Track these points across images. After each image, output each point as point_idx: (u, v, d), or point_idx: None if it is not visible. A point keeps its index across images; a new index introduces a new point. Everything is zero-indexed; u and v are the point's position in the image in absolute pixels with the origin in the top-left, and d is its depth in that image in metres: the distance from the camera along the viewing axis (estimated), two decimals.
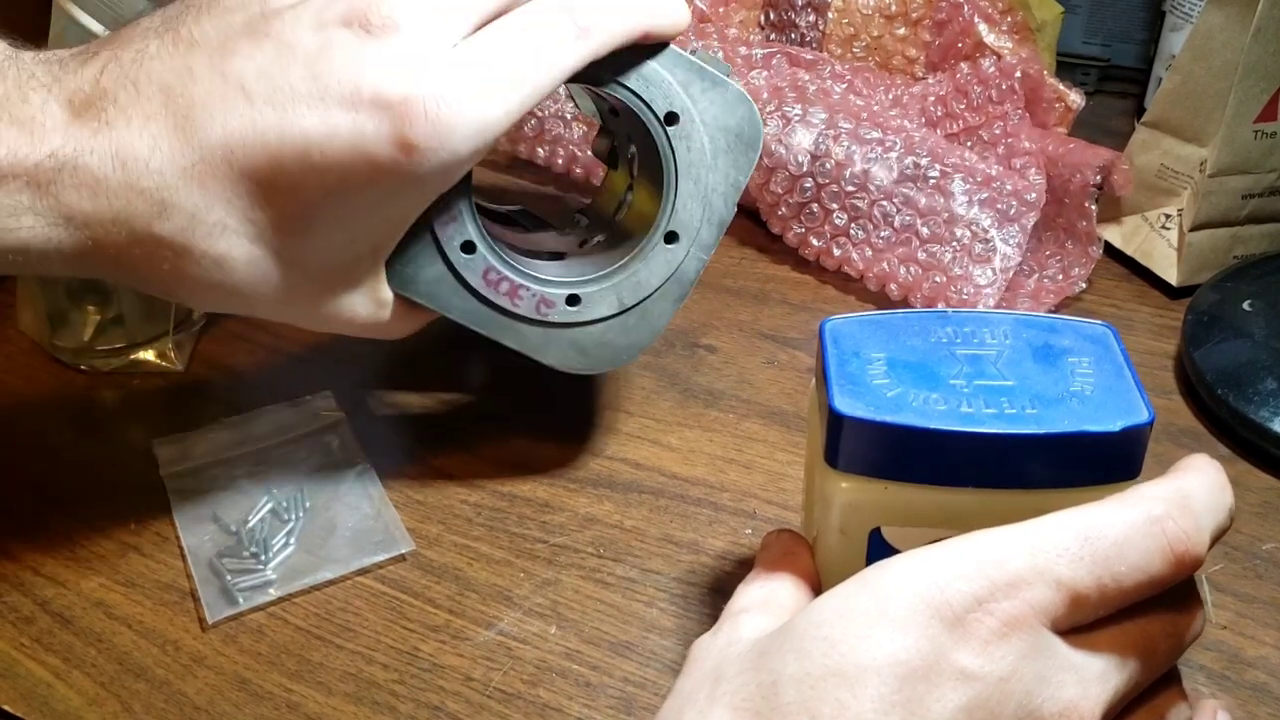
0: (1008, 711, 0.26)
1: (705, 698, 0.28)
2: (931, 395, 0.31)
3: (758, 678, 0.27)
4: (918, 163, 0.58)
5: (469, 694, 0.38)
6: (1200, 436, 0.50)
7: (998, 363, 0.33)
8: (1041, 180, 0.58)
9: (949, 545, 0.28)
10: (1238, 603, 0.42)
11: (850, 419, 0.31)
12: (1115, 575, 0.28)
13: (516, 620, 0.41)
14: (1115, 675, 0.28)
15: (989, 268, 0.56)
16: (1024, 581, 0.27)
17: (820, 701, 0.26)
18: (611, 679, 0.39)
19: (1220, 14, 0.56)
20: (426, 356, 0.55)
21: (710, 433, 0.50)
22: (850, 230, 0.59)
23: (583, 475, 0.48)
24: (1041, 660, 0.27)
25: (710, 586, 0.42)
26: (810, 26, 0.71)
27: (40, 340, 0.53)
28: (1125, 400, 0.31)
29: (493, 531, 0.45)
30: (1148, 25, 0.79)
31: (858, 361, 0.33)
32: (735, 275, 0.61)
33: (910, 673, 0.26)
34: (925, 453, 0.31)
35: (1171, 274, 0.59)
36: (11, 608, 0.41)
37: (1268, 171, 0.58)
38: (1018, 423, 0.30)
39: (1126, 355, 0.33)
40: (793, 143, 0.59)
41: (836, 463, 0.32)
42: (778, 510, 0.46)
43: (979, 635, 0.27)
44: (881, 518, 0.32)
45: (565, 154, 0.68)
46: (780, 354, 0.55)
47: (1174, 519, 0.28)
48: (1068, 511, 0.29)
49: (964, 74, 0.62)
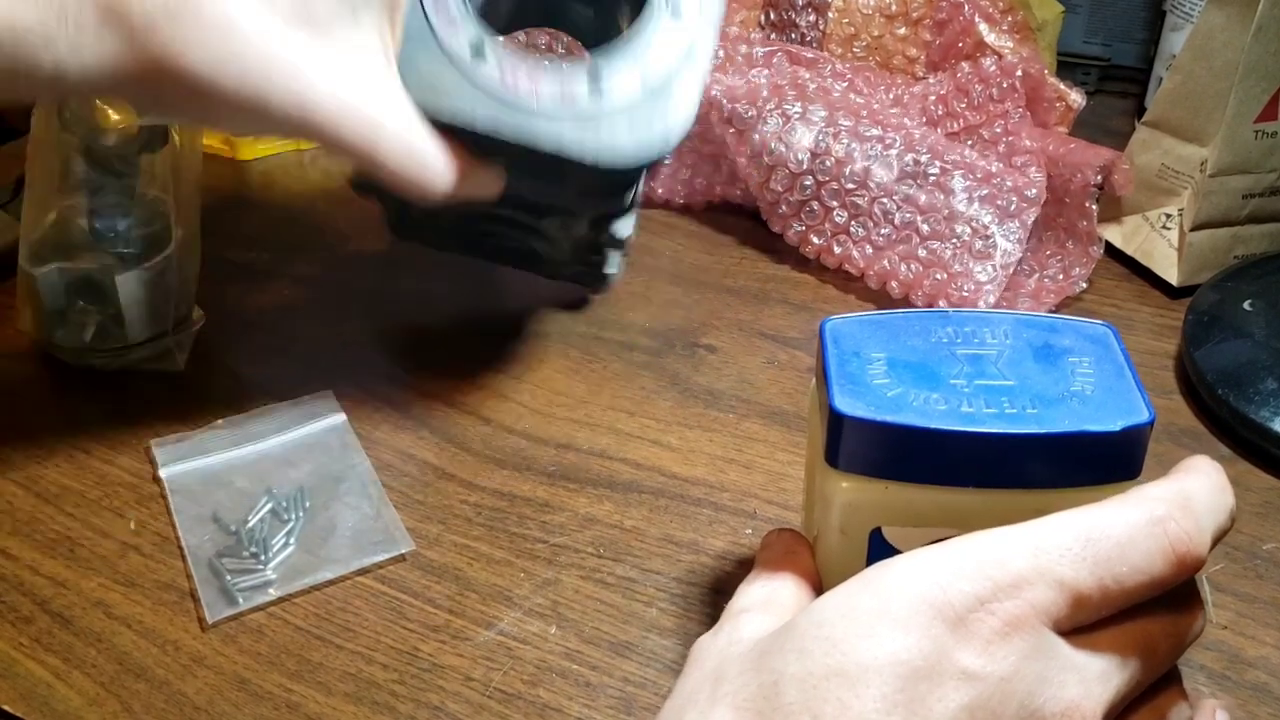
0: (1010, 711, 0.26)
1: (707, 698, 0.28)
2: (932, 395, 0.31)
3: (759, 677, 0.27)
4: (918, 160, 0.58)
5: (469, 694, 0.38)
6: (1200, 436, 0.50)
7: (998, 362, 0.33)
8: (1042, 177, 0.58)
9: (951, 545, 0.28)
10: (1238, 603, 0.41)
11: (851, 419, 0.31)
12: (1117, 576, 0.28)
13: (516, 620, 0.41)
14: (1116, 675, 0.28)
15: (989, 264, 0.56)
16: (1026, 582, 0.27)
17: (822, 701, 0.26)
18: (611, 679, 0.39)
19: (1221, 14, 0.56)
20: (427, 356, 0.55)
21: (710, 433, 0.50)
22: (850, 228, 0.59)
23: (583, 475, 0.48)
24: (1043, 660, 0.27)
25: (710, 586, 0.42)
26: (810, 26, 0.71)
27: (40, 340, 0.53)
28: (1126, 400, 0.31)
29: (493, 531, 0.45)
30: (1148, 25, 0.79)
31: (858, 361, 0.33)
32: (735, 275, 0.61)
33: (913, 672, 0.26)
34: (926, 453, 0.31)
35: (1172, 274, 0.59)
36: (11, 608, 0.41)
37: (1268, 171, 0.58)
38: (1019, 423, 0.30)
39: (1127, 355, 0.33)
40: (793, 140, 0.59)
41: (837, 462, 0.32)
42: (778, 510, 0.46)
43: (981, 635, 0.27)
44: (882, 518, 0.32)
45: None
46: (780, 354, 0.55)
47: (1175, 520, 0.29)
48: (1069, 512, 0.29)
49: (965, 73, 0.62)
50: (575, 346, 0.55)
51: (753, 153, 0.60)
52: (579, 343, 0.56)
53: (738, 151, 0.61)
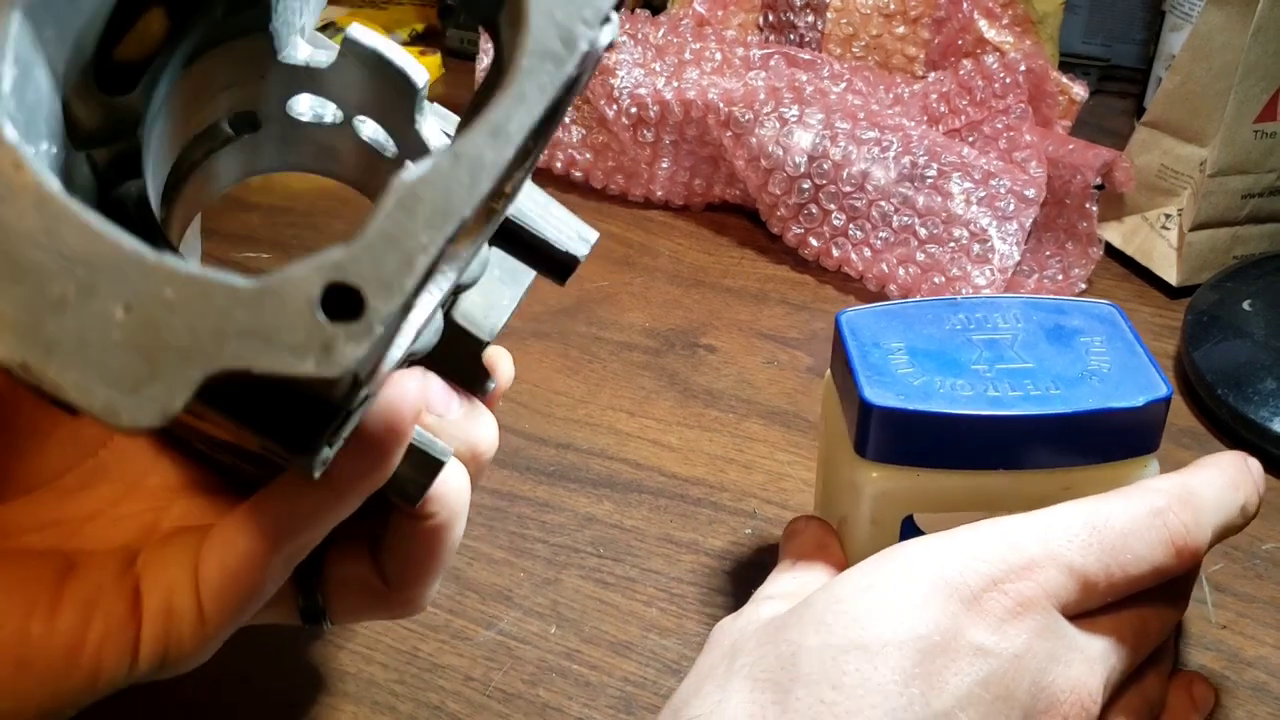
0: (1022, 687, 0.27)
1: (724, 671, 0.29)
2: (957, 381, 0.32)
3: (777, 650, 0.28)
4: (915, 162, 0.58)
5: (469, 693, 0.38)
6: (1200, 436, 0.50)
7: (1015, 346, 0.33)
8: (1042, 174, 0.58)
9: (965, 530, 0.29)
10: (1238, 603, 0.42)
11: (881, 409, 0.31)
12: (1122, 564, 0.29)
13: (516, 620, 0.41)
14: (1114, 655, 0.29)
15: (988, 267, 0.56)
16: (1037, 565, 0.28)
17: (841, 673, 0.27)
18: (611, 679, 0.39)
19: (1220, 14, 0.56)
20: None
21: (710, 433, 0.50)
22: (849, 230, 0.59)
23: (583, 475, 0.48)
24: (1053, 639, 0.28)
25: (710, 586, 0.42)
26: (809, 27, 0.71)
27: None
28: (1143, 376, 0.32)
29: (493, 531, 0.45)
30: (1148, 25, 0.79)
31: (879, 352, 0.33)
32: (734, 275, 0.61)
33: (930, 647, 0.27)
34: (957, 438, 0.32)
35: (1171, 274, 0.59)
36: None
37: (1267, 171, 0.58)
38: (1044, 404, 0.31)
39: (1135, 332, 0.34)
40: (790, 144, 0.59)
41: (866, 453, 0.32)
42: (777, 510, 0.46)
43: (994, 614, 0.28)
44: (914, 505, 0.33)
45: (564, 157, 0.68)
46: (780, 354, 0.55)
47: (1175, 512, 0.30)
48: (1075, 502, 0.30)
49: (967, 70, 0.62)
50: (575, 346, 0.55)
51: (750, 156, 0.60)
52: (579, 343, 0.56)
53: (736, 154, 0.61)
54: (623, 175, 0.67)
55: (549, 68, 0.20)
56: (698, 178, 0.66)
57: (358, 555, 0.31)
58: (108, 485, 0.30)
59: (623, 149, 0.66)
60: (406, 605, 0.32)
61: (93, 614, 0.26)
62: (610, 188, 0.68)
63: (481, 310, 0.31)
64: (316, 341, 0.19)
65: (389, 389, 0.25)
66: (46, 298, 0.18)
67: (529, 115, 0.20)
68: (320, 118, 0.31)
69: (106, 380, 0.18)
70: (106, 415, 0.18)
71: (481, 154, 0.20)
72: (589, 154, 0.67)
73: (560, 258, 0.31)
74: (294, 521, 0.26)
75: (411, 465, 0.28)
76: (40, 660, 0.25)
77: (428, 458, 0.28)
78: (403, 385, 0.26)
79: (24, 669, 0.25)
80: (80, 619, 0.25)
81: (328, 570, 0.31)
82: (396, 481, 0.27)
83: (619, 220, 0.66)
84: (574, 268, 0.31)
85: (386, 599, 0.31)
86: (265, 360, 0.19)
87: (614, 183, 0.68)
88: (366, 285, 0.19)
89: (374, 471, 0.26)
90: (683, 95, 0.62)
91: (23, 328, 0.18)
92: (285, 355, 0.19)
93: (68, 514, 0.29)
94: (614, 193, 0.68)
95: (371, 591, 0.31)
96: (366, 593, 0.31)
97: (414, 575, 0.31)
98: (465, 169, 0.19)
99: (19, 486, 0.29)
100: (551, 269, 0.31)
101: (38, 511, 0.28)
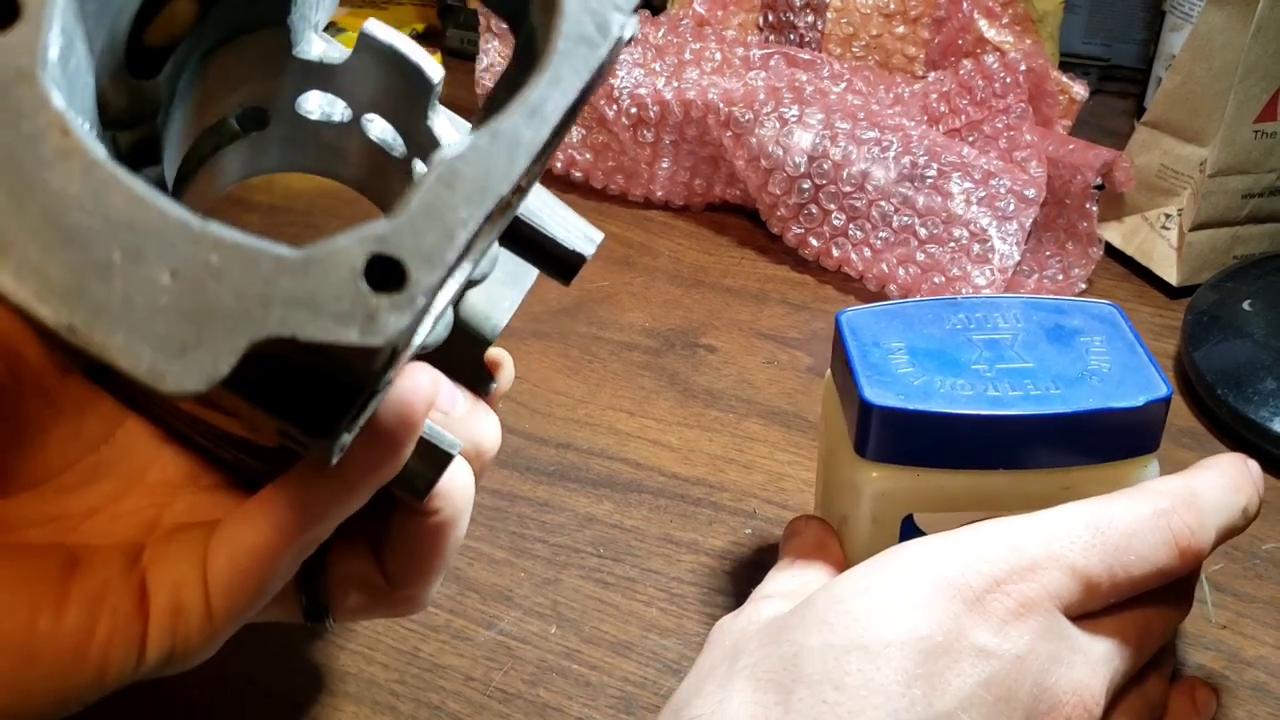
0: (1024, 689, 0.27)
1: (725, 671, 0.29)
2: (957, 381, 0.32)
3: (779, 650, 0.28)
4: (915, 162, 0.58)
5: (469, 693, 0.38)
6: (1200, 436, 0.50)
7: (1014, 346, 0.34)
8: (1042, 174, 0.58)
9: (967, 530, 0.29)
10: (1238, 603, 0.42)
11: (881, 409, 0.31)
12: (1125, 565, 0.29)
13: (516, 620, 0.41)
14: (1117, 657, 0.29)
15: (988, 268, 0.56)
16: (1040, 566, 0.28)
17: (843, 673, 0.27)
18: (611, 679, 0.39)
19: (1220, 14, 0.56)
20: None
21: (710, 432, 0.50)
22: (849, 231, 0.59)
23: (583, 475, 0.48)
24: (1055, 641, 0.28)
25: (710, 586, 0.42)
26: (809, 27, 0.71)
27: None
28: (1143, 376, 0.32)
29: (493, 531, 0.45)
30: (1148, 25, 0.79)
31: (879, 351, 0.33)
32: (734, 275, 0.61)
33: (932, 648, 0.27)
34: (957, 438, 0.32)
35: (1171, 274, 0.59)
36: None
37: (1268, 171, 0.58)
38: (1045, 403, 0.31)
39: (1135, 332, 0.34)
40: (790, 144, 0.59)
41: (866, 453, 0.32)
42: (777, 510, 0.46)
43: (997, 615, 0.28)
44: (914, 504, 0.33)
45: (564, 157, 0.68)
46: (780, 354, 0.55)
47: (1178, 513, 0.30)
48: (1078, 503, 0.30)
49: (967, 70, 0.62)
50: (575, 346, 0.55)
51: (750, 156, 0.60)
52: (579, 343, 0.56)
53: (736, 154, 0.61)
54: (623, 175, 0.67)
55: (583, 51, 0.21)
56: (698, 178, 0.66)
57: (360, 553, 0.31)
58: (109, 481, 0.30)
59: (623, 149, 0.66)
60: (409, 603, 0.32)
61: (100, 610, 0.26)
62: (610, 188, 0.68)
63: (484, 310, 0.32)
64: (361, 311, 0.19)
65: (402, 380, 0.25)
66: (93, 262, 0.18)
67: (564, 97, 0.20)
68: (329, 116, 0.31)
69: (153, 344, 0.18)
70: (152, 379, 0.18)
71: (519, 133, 0.20)
72: (589, 154, 0.67)
73: (567, 257, 0.31)
74: (304, 515, 0.26)
75: (420, 458, 0.28)
76: (47, 656, 0.25)
77: (437, 451, 0.28)
78: (416, 376, 0.26)
79: (30, 665, 0.25)
80: (87, 615, 0.25)
81: (330, 568, 0.31)
82: (405, 475, 0.27)
83: (619, 220, 0.66)
84: (580, 267, 0.31)
85: (389, 597, 0.31)
86: (311, 328, 0.19)
87: (614, 183, 0.68)
88: (409, 257, 0.19)
89: (387, 462, 0.26)
90: (683, 95, 0.62)
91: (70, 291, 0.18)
92: (330, 323, 0.19)
93: (69, 509, 0.29)
94: (614, 193, 0.68)
95: (374, 589, 0.31)
96: (369, 590, 0.31)
97: (416, 573, 0.31)
98: (504, 147, 0.20)
99: (21, 482, 0.29)
100: (557, 268, 0.31)
101: (40, 506, 0.29)
